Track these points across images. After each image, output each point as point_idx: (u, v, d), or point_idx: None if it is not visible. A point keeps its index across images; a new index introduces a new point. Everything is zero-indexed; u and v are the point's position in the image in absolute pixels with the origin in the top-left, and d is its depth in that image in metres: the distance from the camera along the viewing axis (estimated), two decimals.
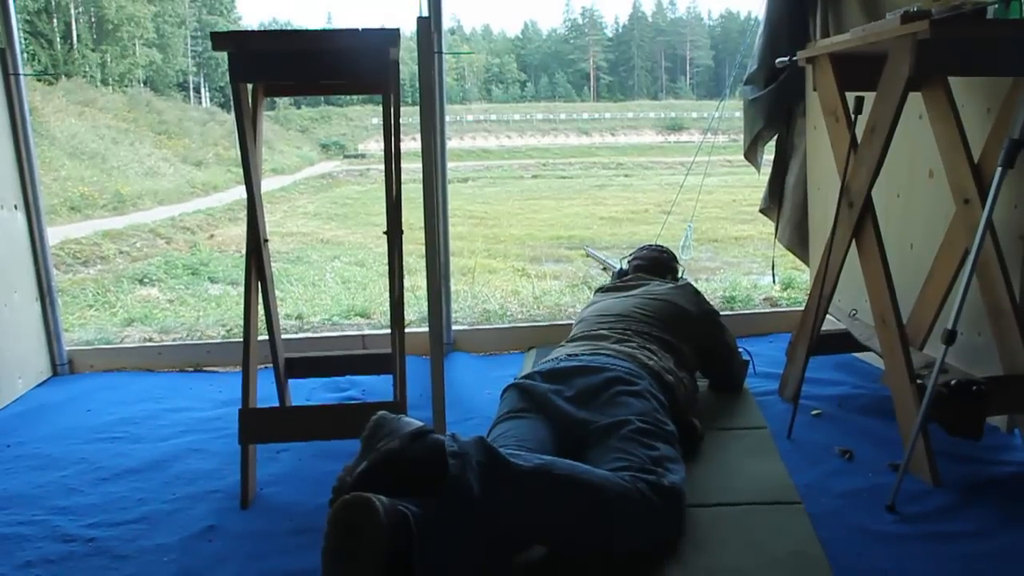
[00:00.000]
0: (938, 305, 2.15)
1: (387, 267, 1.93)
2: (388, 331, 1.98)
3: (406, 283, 1.98)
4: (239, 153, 1.85)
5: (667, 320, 2.15)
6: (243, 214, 1.92)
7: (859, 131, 2.00)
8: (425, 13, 2.69)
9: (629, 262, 2.64)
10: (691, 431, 1.95)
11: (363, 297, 5.35)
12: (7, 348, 2.59)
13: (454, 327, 3.09)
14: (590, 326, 2.15)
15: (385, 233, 1.90)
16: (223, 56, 1.72)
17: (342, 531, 1.22)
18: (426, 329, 2.31)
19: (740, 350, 2.46)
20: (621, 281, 2.49)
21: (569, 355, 1.92)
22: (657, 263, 2.59)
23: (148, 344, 3.25)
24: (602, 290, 2.49)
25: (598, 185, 20.07)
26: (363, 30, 1.76)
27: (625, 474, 1.48)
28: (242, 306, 1.90)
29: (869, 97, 1.96)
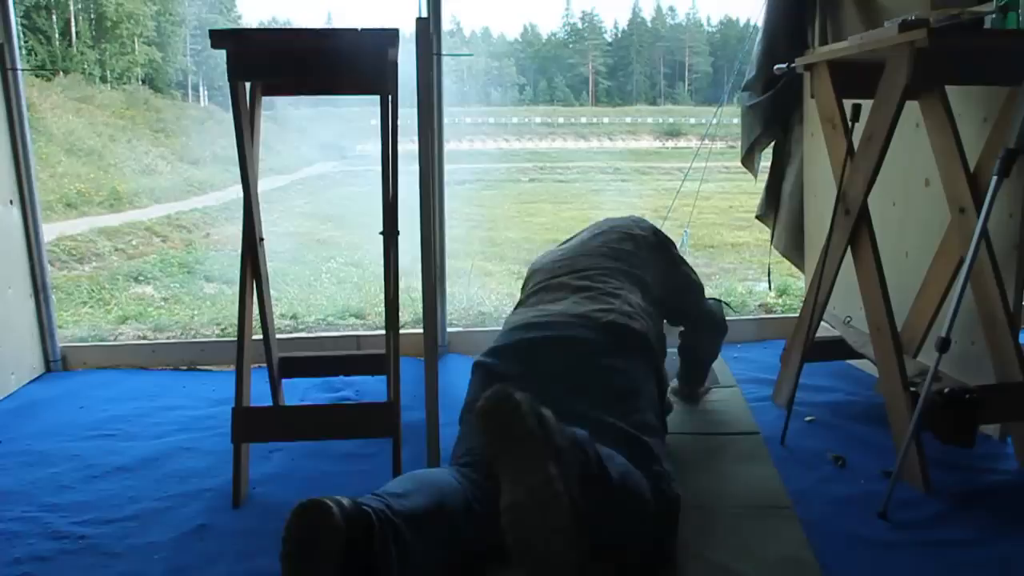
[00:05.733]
0: (932, 313, 2.16)
1: (383, 268, 1.93)
2: (383, 332, 1.97)
3: (401, 284, 1.97)
4: (236, 152, 1.85)
5: (624, 249, 1.97)
6: (240, 213, 1.91)
7: (856, 139, 2.01)
8: (424, 14, 2.69)
9: None
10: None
11: (358, 298, 5.33)
12: (0, 343, 2.59)
13: (449, 329, 3.09)
14: (548, 275, 1.93)
15: (381, 234, 1.90)
16: (222, 55, 1.72)
17: (298, 538, 1.21)
18: (421, 331, 2.30)
19: (715, 299, 2.30)
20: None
21: (527, 324, 1.73)
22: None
23: (142, 342, 3.25)
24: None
25: (595, 189, 20.06)
26: (362, 30, 1.76)
27: None
28: (237, 305, 1.89)
29: (866, 105, 1.96)
